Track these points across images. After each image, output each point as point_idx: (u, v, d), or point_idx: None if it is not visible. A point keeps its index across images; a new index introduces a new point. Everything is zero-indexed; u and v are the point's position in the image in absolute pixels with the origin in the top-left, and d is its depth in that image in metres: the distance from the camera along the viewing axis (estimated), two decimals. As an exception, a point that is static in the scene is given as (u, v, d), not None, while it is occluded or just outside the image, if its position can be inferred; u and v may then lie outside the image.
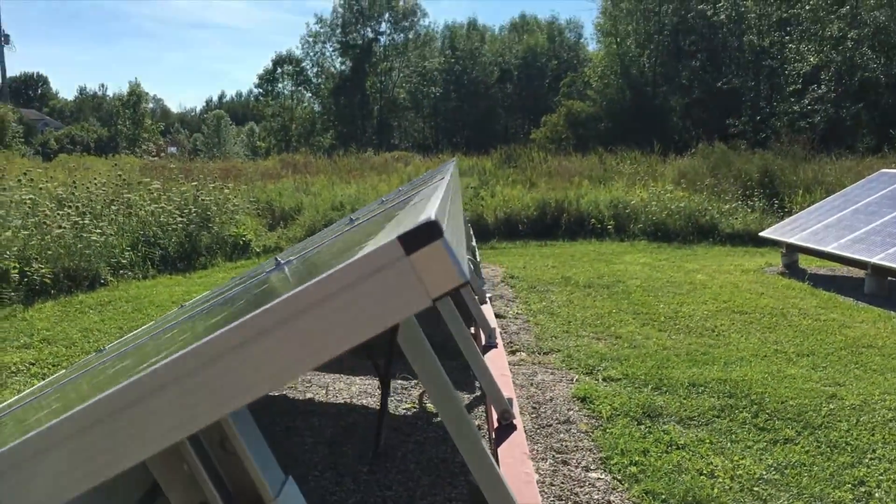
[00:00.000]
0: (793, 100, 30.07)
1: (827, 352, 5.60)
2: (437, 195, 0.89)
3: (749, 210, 13.56)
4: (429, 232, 0.54)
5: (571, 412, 4.34)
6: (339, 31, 53.20)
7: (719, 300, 7.47)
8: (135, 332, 4.63)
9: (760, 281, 8.60)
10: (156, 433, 0.62)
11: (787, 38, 31.73)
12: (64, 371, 4.36)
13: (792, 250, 9.36)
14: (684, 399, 4.52)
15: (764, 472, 3.52)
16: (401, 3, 52.99)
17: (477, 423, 4.18)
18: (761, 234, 10.25)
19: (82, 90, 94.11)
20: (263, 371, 0.58)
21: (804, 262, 9.66)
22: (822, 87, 28.68)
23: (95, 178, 12.46)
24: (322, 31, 53.82)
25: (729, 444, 3.87)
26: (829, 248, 8.41)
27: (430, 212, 0.54)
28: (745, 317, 6.78)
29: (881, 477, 3.48)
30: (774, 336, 6.08)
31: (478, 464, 1.94)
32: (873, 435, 3.97)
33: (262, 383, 0.58)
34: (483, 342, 4.58)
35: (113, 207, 10.70)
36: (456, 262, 0.53)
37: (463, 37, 52.55)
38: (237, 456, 0.86)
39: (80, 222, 9.34)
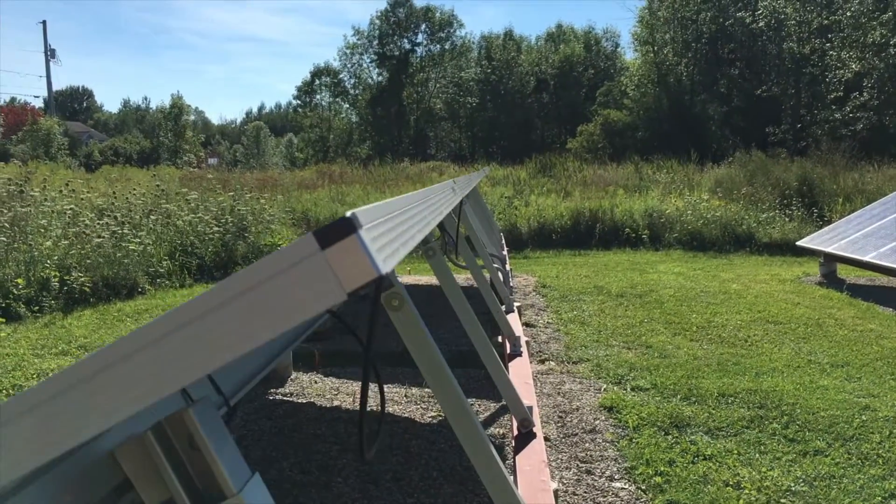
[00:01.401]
0: (834, 107, 29.60)
1: (862, 363, 5.50)
2: (404, 199, 0.91)
3: (787, 219, 13.36)
4: (344, 227, 0.56)
5: (598, 421, 4.31)
6: (376, 42, 53.62)
7: (754, 310, 7.37)
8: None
9: (797, 291, 8.47)
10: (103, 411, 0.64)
11: (828, 45, 31.26)
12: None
13: (830, 260, 9.20)
14: (713, 409, 4.47)
15: (792, 484, 3.47)
16: (437, 14, 53.25)
17: (502, 431, 4.18)
18: (798, 243, 10.10)
19: (126, 103, 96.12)
20: (184, 361, 0.60)
21: (843, 271, 9.48)
22: (865, 94, 28.19)
23: (135, 189, 12.70)
24: (359, 42, 54.31)
25: (757, 455, 3.82)
26: (867, 258, 8.25)
27: (354, 211, 0.56)
28: (780, 327, 6.69)
29: (913, 490, 3.41)
30: (809, 346, 5.98)
31: (487, 472, 1.95)
32: (907, 447, 3.89)
33: (182, 375, 0.61)
34: (508, 350, 4.57)
35: (152, 217, 10.90)
36: (370, 257, 0.55)
37: (499, 47, 52.57)
38: (202, 454, 0.88)
39: (119, 232, 9.52)
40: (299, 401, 4.87)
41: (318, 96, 57.53)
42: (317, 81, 56.84)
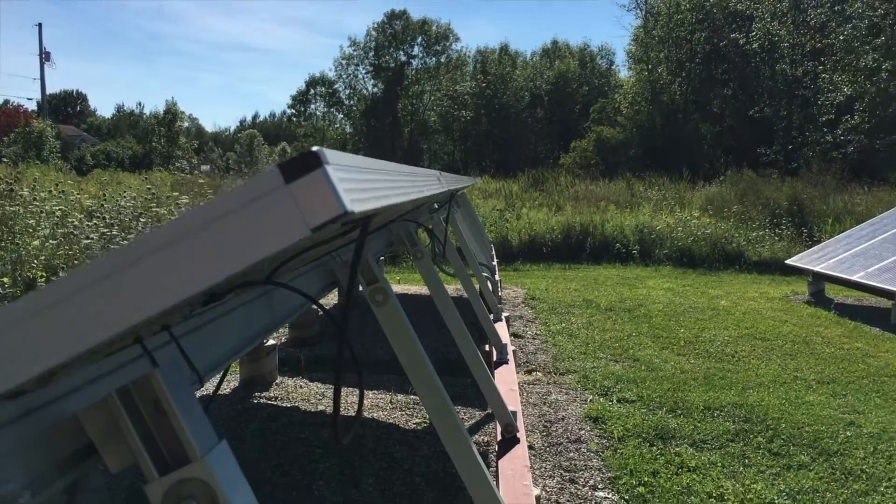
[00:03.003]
0: (825, 130, 29.79)
1: (848, 380, 5.50)
2: (380, 161, 0.91)
3: (777, 238, 13.42)
4: (309, 161, 0.55)
5: (583, 431, 4.30)
6: (371, 54, 53.75)
7: (741, 326, 7.38)
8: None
9: (785, 308, 8.49)
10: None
11: (821, 68, 31.50)
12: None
13: (819, 279, 9.23)
14: (699, 422, 4.46)
15: (775, 498, 3.46)
16: (433, 27, 53.44)
17: (486, 438, 4.16)
18: (787, 261, 10.13)
19: (120, 108, 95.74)
20: (139, 297, 0.59)
21: (831, 290, 9.52)
22: (856, 117, 28.38)
23: (126, 192, 12.64)
24: (355, 53, 54.43)
25: (741, 468, 3.81)
26: (855, 277, 8.28)
27: (321, 148, 0.55)
28: (767, 343, 6.69)
29: (896, 506, 3.41)
30: (795, 363, 5.99)
31: (471, 477, 1.93)
32: (890, 463, 3.89)
33: (135, 313, 0.59)
34: (495, 358, 4.56)
35: (142, 220, 10.84)
36: (336, 194, 0.54)
37: (494, 61, 52.78)
38: (168, 417, 0.87)
39: (108, 234, 9.47)
40: (284, 405, 4.83)
41: (312, 106, 57.65)
42: (312, 91, 56.95)
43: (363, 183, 0.65)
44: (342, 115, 56.76)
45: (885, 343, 6.82)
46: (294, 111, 58.40)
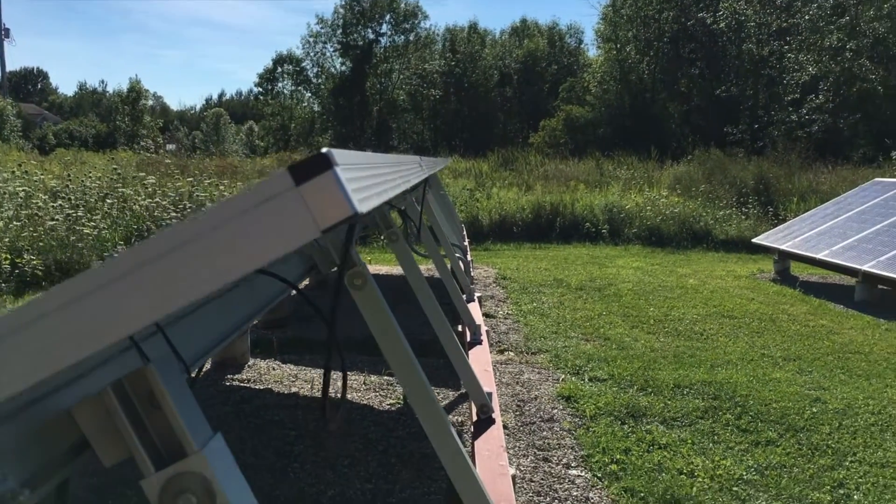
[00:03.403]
0: (791, 109, 30.14)
1: (814, 357, 5.62)
2: (374, 155, 0.90)
3: (743, 217, 13.59)
4: (320, 163, 0.55)
5: (556, 411, 4.35)
6: (339, 31, 53.13)
7: (709, 304, 7.49)
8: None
9: (752, 287, 8.62)
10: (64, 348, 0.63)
11: (787, 47, 31.81)
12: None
13: (784, 257, 9.39)
14: (669, 400, 4.53)
15: (744, 473, 3.54)
16: (402, 4, 52.99)
17: (460, 419, 4.19)
18: (754, 240, 10.28)
19: (82, 86, 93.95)
20: (150, 297, 0.59)
21: (796, 269, 9.68)
22: (821, 96, 28.74)
23: (91, 173, 12.45)
24: (323, 31, 53.76)
25: (711, 444, 3.88)
26: (820, 256, 8.43)
27: (329, 149, 0.55)
28: (735, 321, 6.80)
29: (860, 480, 3.50)
30: (762, 340, 6.09)
31: (450, 459, 1.95)
32: (855, 438, 3.98)
33: (147, 313, 0.59)
34: (468, 339, 4.58)
35: (107, 201, 10.69)
36: (346, 196, 0.54)
37: (463, 40, 52.52)
38: (164, 411, 0.87)
39: (74, 215, 9.33)
40: (257, 387, 4.82)
41: (279, 84, 56.95)
42: (279, 69, 56.24)
43: (365, 181, 0.65)
44: (310, 94, 56.16)
45: (848, 320, 6.96)
46: (261, 89, 57.63)
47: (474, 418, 3.10)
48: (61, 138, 50.15)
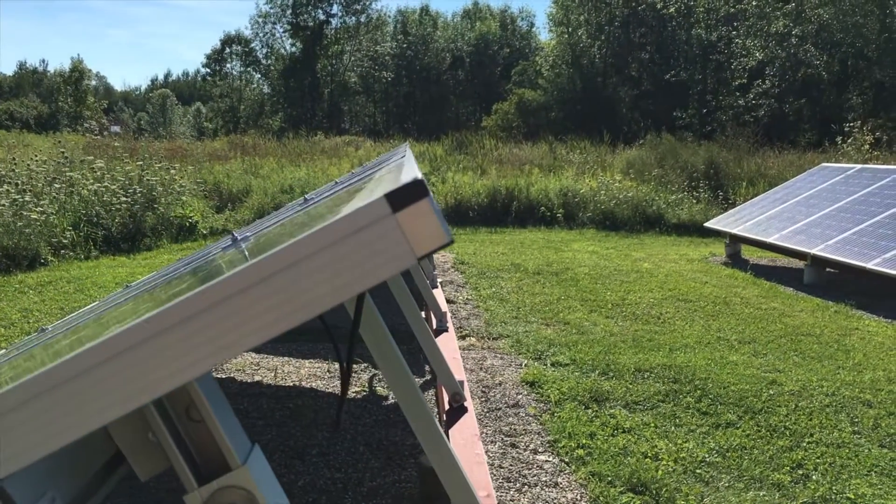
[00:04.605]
0: (738, 94, 30.71)
1: (767, 339, 5.75)
2: (410, 165, 0.89)
3: (695, 201, 13.83)
4: (416, 190, 0.54)
5: (520, 396, 4.38)
6: (289, 12, 52.42)
7: (665, 288, 7.61)
8: (78, 311, 4.53)
9: (705, 270, 8.79)
10: (118, 397, 0.61)
11: (734, 33, 32.35)
12: (3, 351, 4.25)
13: (735, 241, 9.58)
14: (630, 384, 4.60)
15: (706, 455, 3.61)
16: (353, -15, 52.44)
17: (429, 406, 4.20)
18: (706, 224, 10.47)
19: (22, 65, 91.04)
20: (245, 328, 0.58)
21: (747, 252, 9.89)
22: (767, 82, 29.32)
23: (36, 156, 12.11)
24: (272, 11, 53.01)
25: (673, 427, 3.95)
26: (770, 239, 8.62)
27: (415, 172, 0.54)
28: (690, 304, 6.93)
29: (818, 460, 3.60)
30: (717, 324, 6.22)
31: (433, 447, 1.95)
32: (811, 420, 4.10)
33: (243, 340, 0.58)
34: (434, 326, 4.59)
35: (55, 186, 10.43)
36: (442, 222, 0.54)
37: (415, 22, 52.33)
38: (203, 424, 0.85)
39: (20, 200, 9.08)
40: (218, 375, 4.77)
41: (228, 65, 56.08)
42: (227, 50, 55.34)
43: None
44: (259, 75, 55.43)
45: (799, 303, 7.14)
46: (209, 70, 56.69)
47: (446, 406, 3.11)
48: (1, 119, 48.66)
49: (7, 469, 0.61)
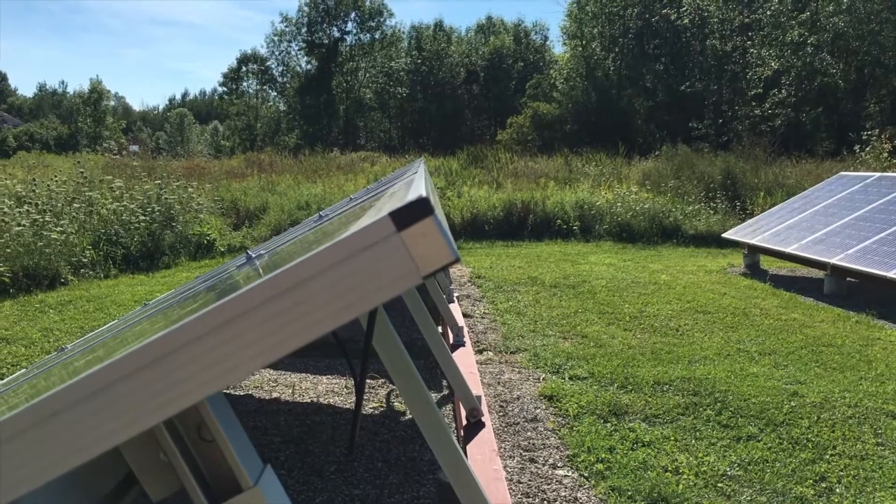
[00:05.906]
0: (754, 104, 30.57)
1: (788, 351, 5.69)
2: (418, 182, 0.89)
3: (712, 212, 13.75)
4: (420, 209, 0.54)
5: (538, 410, 4.36)
6: (304, 30, 52.85)
7: (683, 300, 7.56)
8: (97, 330, 4.56)
9: (723, 281, 8.72)
10: (132, 416, 0.61)
11: (749, 42, 32.26)
12: (24, 370, 4.29)
13: (754, 251, 9.51)
14: (649, 397, 4.56)
15: (728, 469, 3.57)
16: (367, 2, 52.79)
17: (446, 421, 4.18)
18: (724, 235, 10.40)
19: (42, 87, 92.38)
20: (252, 348, 0.58)
21: (766, 262, 9.81)
22: (783, 91, 29.19)
23: (56, 176, 12.24)
24: (287, 29, 53.46)
25: (693, 441, 3.92)
26: (789, 249, 8.55)
27: (420, 190, 0.54)
28: (709, 316, 6.87)
29: (841, 473, 3.55)
30: (737, 335, 6.17)
31: (450, 463, 1.94)
32: (833, 432, 4.05)
33: (251, 361, 0.58)
34: (451, 341, 4.58)
35: (74, 205, 10.53)
36: (448, 240, 0.53)
37: (429, 37, 52.52)
38: (214, 443, 0.85)
39: (40, 220, 9.17)
40: (236, 393, 4.78)
41: (244, 84, 56.54)
42: (243, 68, 55.80)
43: (444, 222, 0.64)
44: (276, 93, 55.85)
45: (819, 313, 7.07)
46: (226, 89, 57.16)
47: (463, 422, 3.09)
48: (22, 141, 49.28)
49: (18, 491, 0.61)
